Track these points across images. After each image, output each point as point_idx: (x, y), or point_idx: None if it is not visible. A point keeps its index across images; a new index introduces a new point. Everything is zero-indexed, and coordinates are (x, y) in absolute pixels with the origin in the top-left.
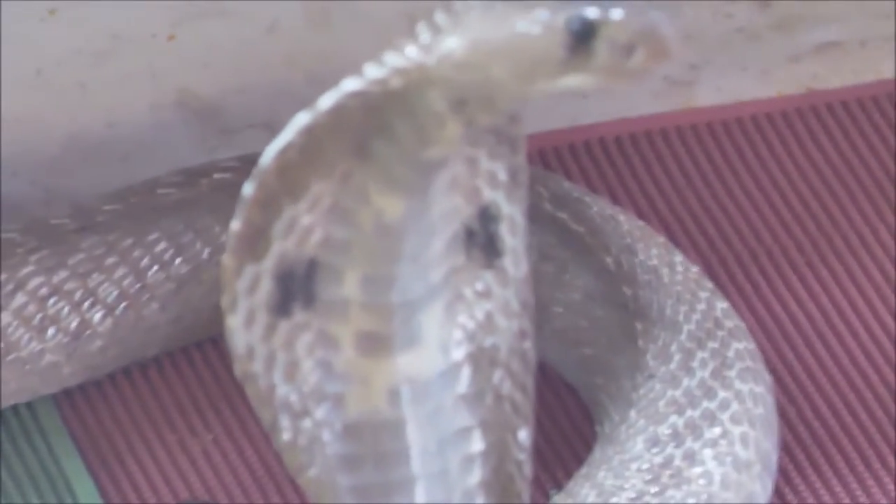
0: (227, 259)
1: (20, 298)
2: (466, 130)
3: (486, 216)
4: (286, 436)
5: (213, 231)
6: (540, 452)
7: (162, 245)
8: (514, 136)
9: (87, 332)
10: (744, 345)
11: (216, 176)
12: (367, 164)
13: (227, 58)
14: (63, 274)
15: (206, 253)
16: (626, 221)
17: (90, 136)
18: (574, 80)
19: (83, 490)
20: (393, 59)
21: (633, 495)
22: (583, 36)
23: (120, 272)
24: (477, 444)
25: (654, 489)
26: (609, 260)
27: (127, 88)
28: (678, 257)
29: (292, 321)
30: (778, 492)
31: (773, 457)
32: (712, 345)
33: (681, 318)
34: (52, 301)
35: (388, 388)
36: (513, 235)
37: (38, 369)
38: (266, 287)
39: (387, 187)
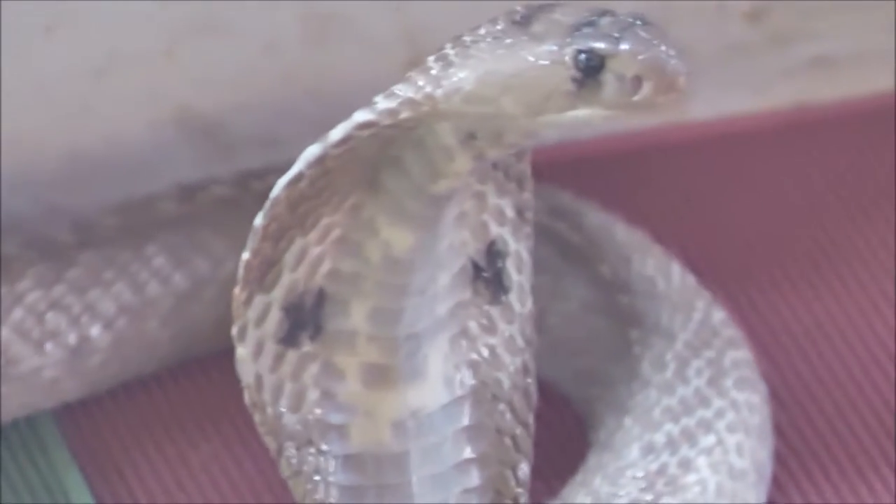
0: (237, 289)
1: (18, 313)
2: (475, 164)
3: (493, 252)
4: (291, 464)
5: (212, 246)
6: (534, 464)
7: (160, 259)
8: (521, 172)
9: (87, 346)
10: (740, 354)
11: (215, 191)
12: (377, 197)
13: (225, 75)
14: (61, 288)
15: (205, 268)
16: (622, 232)
17: (90, 154)
18: (582, 114)
19: (82, 502)
20: (403, 91)
21: (628, 502)
22: (591, 69)
23: (118, 286)
24: (476, 478)
25: (649, 497)
26: (605, 270)
27: (126, 106)
28: (675, 267)
29: (300, 351)
30: (771, 501)
31: (768, 466)
32: (708, 353)
33: (676, 326)
34: (50, 315)
35: (392, 420)
36: (519, 272)
37: (37, 384)
38: (275, 317)
39: (396, 220)
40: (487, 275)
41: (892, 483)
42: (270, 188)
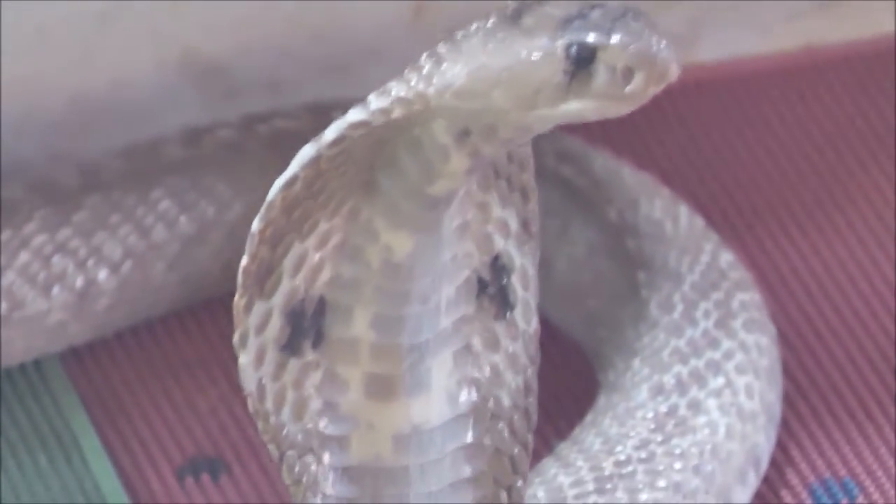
0: (237, 296)
1: (24, 256)
2: (472, 163)
3: (498, 267)
4: (293, 472)
5: (217, 190)
6: (543, 406)
7: (166, 203)
8: (525, 183)
9: (93, 290)
10: (749, 296)
11: (220, 134)
12: (375, 200)
13: (230, 18)
14: (67, 231)
15: (211, 212)
16: (630, 175)
17: (94, 97)
18: (575, 106)
19: (90, 447)
20: (395, 89)
21: (637, 443)
22: (582, 61)
23: (124, 230)
24: (470, 497)
25: (658, 438)
26: (612, 213)
27: (130, 49)
28: (683, 209)
29: (302, 360)
30: (780, 443)
31: (777, 408)
32: (716, 295)
33: (684, 268)
34: (56, 259)
35: (392, 434)
36: (525, 288)
37: (44, 328)
38: (276, 324)
39: (394, 223)
40: (492, 290)
41: None
42: (276, 132)
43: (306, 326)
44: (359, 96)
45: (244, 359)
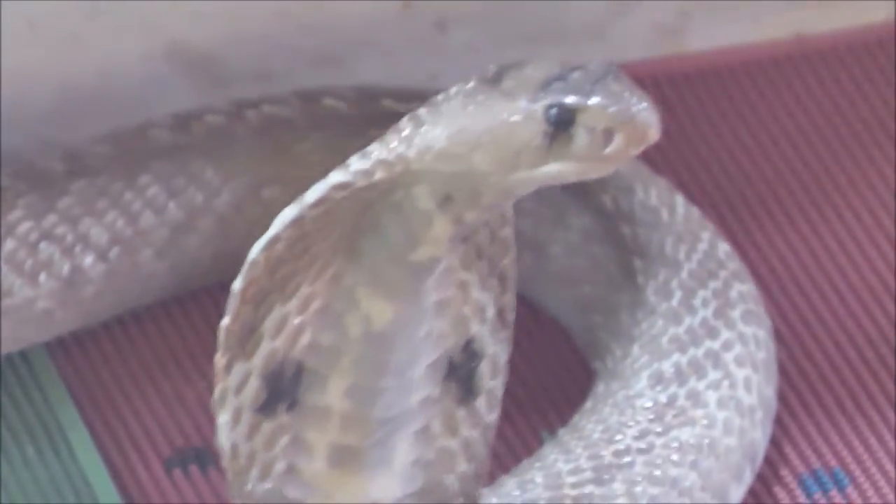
0: (218, 354)
1: (10, 244)
2: (454, 230)
3: (470, 350)
4: None
5: (205, 175)
6: (532, 395)
7: (154, 189)
8: (505, 270)
9: (80, 277)
10: (746, 287)
11: (209, 120)
12: (357, 266)
13: (219, 8)
14: (53, 218)
15: (199, 198)
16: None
17: (83, 88)
18: (555, 168)
19: (78, 439)
20: (376, 151)
21: (637, 433)
22: (562, 123)
23: (111, 216)
24: None
25: (658, 428)
26: (607, 199)
27: (119, 39)
28: (679, 198)
29: (276, 422)
30: (772, 438)
31: (774, 404)
32: (714, 284)
33: (681, 256)
34: (43, 246)
35: None
36: (492, 377)
37: (31, 316)
38: (253, 386)
39: (376, 291)
40: (461, 374)
41: (891, 419)
42: (265, 118)
43: (283, 390)
44: (348, 83)
45: (222, 418)
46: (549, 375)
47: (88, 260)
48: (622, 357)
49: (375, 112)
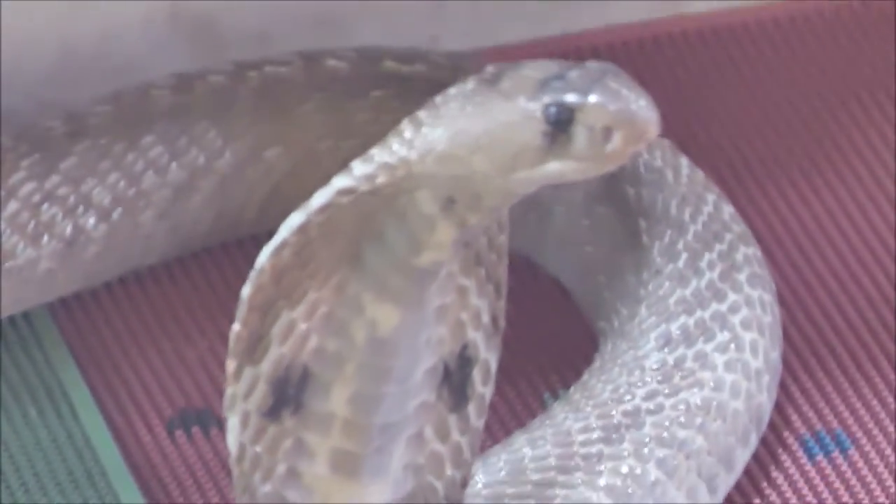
0: (228, 359)
1: (13, 206)
2: (458, 234)
3: (464, 356)
4: None
5: (208, 136)
6: (534, 357)
7: (157, 150)
8: (500, 278)
9: (82, 238)
10: (751, 250)
11: (211, 80)
12: (362, 272)
13: None
14: (55, 179)
15: (202, 159)
16: None
17: (84, 50)
18: (555, 167)
19: (80, 399)
20: (378, 155)
21: (645, 394)
22: (560, 122)
23: (113, 177)
24: None
25: (666, 389)
26: None
27: (121, 2)
28: (683, 160)
29: (281, 426)
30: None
31: (779, 368)
32: (720, 247)
33: (687, 218)
34: (45, 207)
35: None
36: (483, 384)
37: (33, 277)
38: (261, 391)
39: (380, 296)
40: (455, 380)
41: (893, 380)
42: (267, 79)
43: (289, 394)
44: (349, 45)
45: (231, 421)
46: (551, 337)
47: (90, 221)
48: (629, 317)
49: (377, 73)
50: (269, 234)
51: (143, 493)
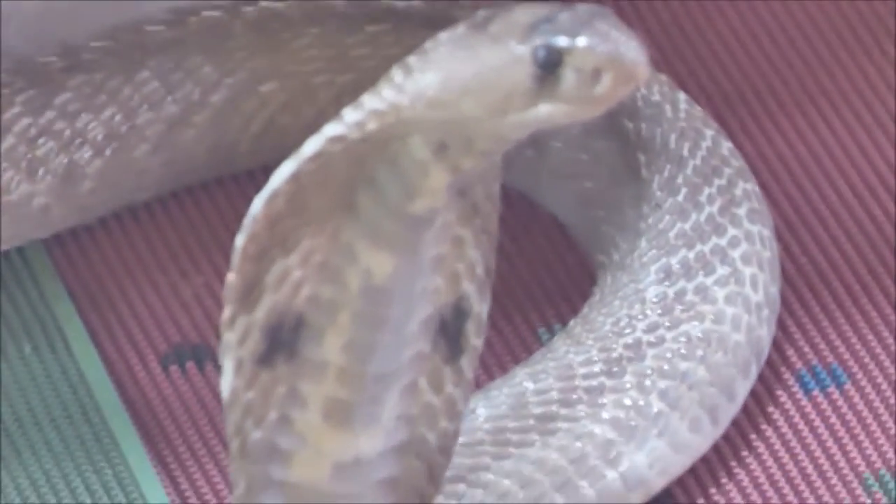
0: (225, 310)
1: (9, 140)
2: (451, 179)
3: (459, 308)
4: (238, 465)
5: (203, 71)
6: (529, 293)
7: (152, 84)
8: (492, 229)
9: (77, 172)
10: (750, 186)
11: (206, 15)
12: (355, 219)
13: None
14: (50, 114)
15: (197, 93)
16: None
17: None
18: (545, 110)
19: (75, 335)
20: (369, 102)
21: (646, 326)
22: (549, 65)
23: (108, 112)
24: None
25: (667, 322)
26: None
27: None
28: (681, 95)
29: (273, 373)
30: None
31: (778, 304)
32: (719, 181)
33: (685, 152)
34: (40, 142)
35: (335, 461)
36: (477, 336)
37: (28, 212)
38: (255, 338)
39: (375, 244)
40: (450, 331)
41: (890, 317)
42: (263, 13)
43: (283, 342)
44: None
45: (227, 365)
46: (547, 273)
47: (85, 155)
48: (628, 251)
49: (373, 8)
50: (265, 169)
51: (138, 428)
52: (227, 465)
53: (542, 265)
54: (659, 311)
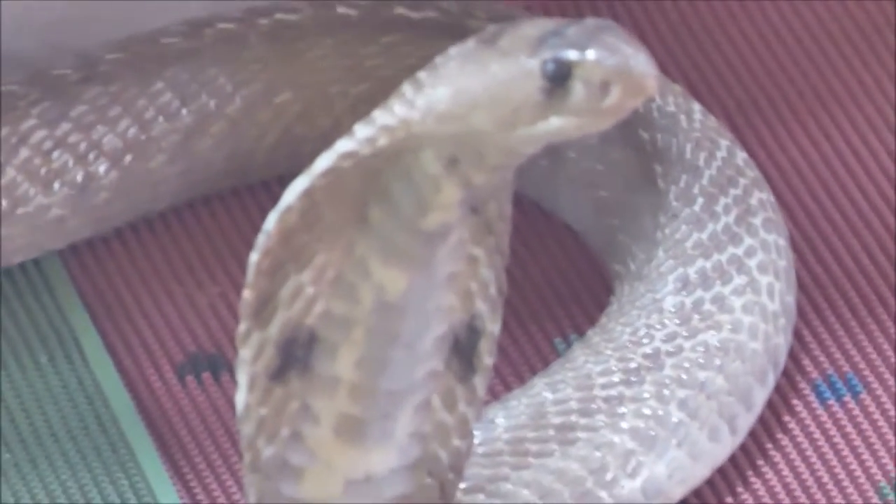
0: (240, 326)
1: (24, 152)
2: (463, 194)
3: (473, 327)
4: (249, 479)
5: (217, 82)
6: (545, 302)
7: (167, 96)
8: (504, 249)
9: (93, 184)
10: (765, 195)
11: (221, 26)
12: (369, 235)
13: None
14: (66, 126)
15: (212, 104)
16: None
17: None
18: (555, 123)
19: (91, 345)
20: (380, 118)
21: (665, 336)
22: (558, 78)
23: (124, 123)
24: None
25: (685, 332)
26: None
27: None
28: (695, 105)
29: (287, 388)
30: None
31: (794, 313)
32: (735, 191)
33: (701, 162)
34: (56, 154)
35: (347, 478)
36: (489, 355)
37: (44, 224)
38: (269, 354)
39: (388, 260)
40: (464, 350)
41: None
42: (277, 25)
43: (296, 357)
44: None
45: (241, 380)
46: (563, 283)
47: (101, 167)
48: (645, 260)
49: (388, 19)
50: (280, 179)
51: (154, 438)
52: (242, 475)
53: (558, 274)
54: (677, 321)
